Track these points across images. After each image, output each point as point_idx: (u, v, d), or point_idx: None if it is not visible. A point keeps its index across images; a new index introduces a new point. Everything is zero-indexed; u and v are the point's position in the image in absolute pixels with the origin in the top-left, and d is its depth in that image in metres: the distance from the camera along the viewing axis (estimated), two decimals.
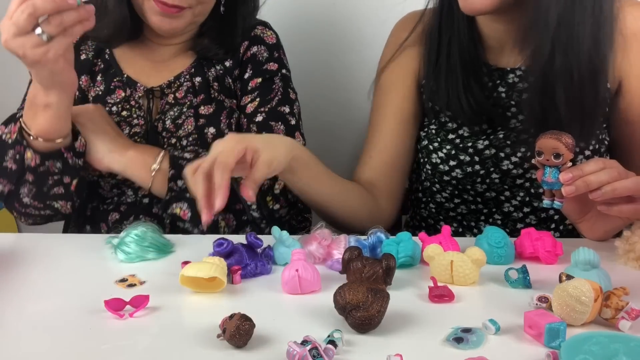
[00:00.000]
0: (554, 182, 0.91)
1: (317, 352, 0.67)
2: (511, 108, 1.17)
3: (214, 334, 0.75)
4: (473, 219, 1.23)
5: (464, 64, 1.16)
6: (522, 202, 1.18)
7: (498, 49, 1.18)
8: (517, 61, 1.17)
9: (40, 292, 0.91)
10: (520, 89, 1.16)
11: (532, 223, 1.19)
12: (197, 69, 1.26)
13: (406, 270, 0.95)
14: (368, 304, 0.75)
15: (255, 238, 0.96)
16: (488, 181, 1.18)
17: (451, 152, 1.18)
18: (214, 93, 1.25)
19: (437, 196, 1.24)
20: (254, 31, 1.29)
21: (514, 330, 0.76)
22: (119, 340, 0.76)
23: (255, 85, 1.26)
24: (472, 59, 1.17)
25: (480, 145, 1.17)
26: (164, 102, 1.24)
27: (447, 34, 1.17)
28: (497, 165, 1.16)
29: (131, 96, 1.24)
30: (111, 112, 1.23)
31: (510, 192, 1.18)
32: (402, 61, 1.26)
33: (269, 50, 1.29)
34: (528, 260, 0.97)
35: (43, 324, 0.81)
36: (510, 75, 1.18)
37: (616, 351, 0.65)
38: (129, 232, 1.00)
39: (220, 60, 1.27)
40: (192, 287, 0.88)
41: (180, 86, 1.25)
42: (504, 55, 1.18)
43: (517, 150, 1.15)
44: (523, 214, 1.19)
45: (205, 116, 1.23)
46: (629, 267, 0.95)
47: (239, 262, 0.93)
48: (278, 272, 0.92)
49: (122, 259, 0.98)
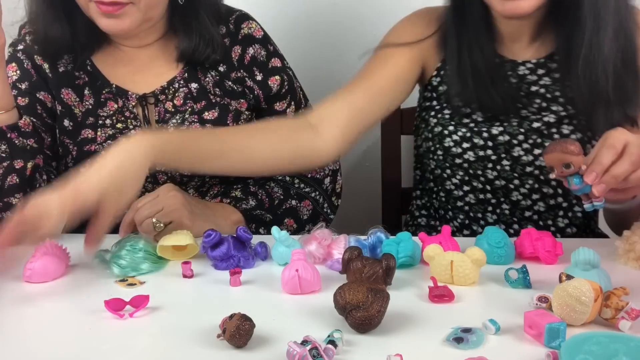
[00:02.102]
0: (582, 187, 0.90)
1: (317, 352, 0.67)
2: (522, 99, 1.20)
3: (214, 334, 0.75)
4: (480, 210, 1.24)
5: (488, 61, 1.19)
6: (531, 190, 1.20)
7: (510, 42, 1.22)
8: (527, 53, 1.21)
9: (40, 292, 0.91)
10: (530, 81, 1.20)
11: (541, 210, 1.21)
12: (191, 75, 1.24)
13: (406, 270, 0.95)
14: (368, 304, 0.75)
15: (244, 232, 0.98)
16: (499, 168, 1.20)
17: (466, 135, 1.20)
18: (215, 98, 1.24)
19: (447, 183, 1.25)
20: (241, 31, 1.26)
21: (514, 330, 0.76)
22: (119, 340, 0.76)
23: (278, 84, 1.27)
24: (489, 52, 1.20)
25: (495, 130, 1.19)
26: (161, 110, 1.22)
27: (466, 34, 1.19)
28: (509, 151, 1.19)
29: (124, 106, 1.22)
30: (105, 125, 1.21)
31: (520, 181, 1.20)
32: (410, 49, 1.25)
33: (264, 47, 1.27)
34: (528, 260, 0.97)
35: (43, 324, 0.81)
36: (520, 67, 1.21)
37: (616, 351, 0.65)
38: (123, 245, 0.97)
39: (213, 66, 1.24)
40: (169, 256, 1.00)
41: (176, 92, 1.23)
42: (515, 48, 1.22)
43: (529, 137, 1.18)
44: (532, 201, 1.21)
45: (211, 121, 1.22)
46: (629, 267, 0.95)
47: (226, 254, 0.96)
48: (278, 272, 0.92)
49: (116, 273, 0.95)
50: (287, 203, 1.25)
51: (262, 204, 1.22)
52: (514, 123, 1.19)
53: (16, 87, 1.21)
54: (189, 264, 0.95)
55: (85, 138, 1.21)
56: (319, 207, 1.30)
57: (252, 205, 1.21)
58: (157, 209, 1.07)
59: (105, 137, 1.21)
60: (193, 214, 1.10)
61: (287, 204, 1.25)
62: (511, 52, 1.22)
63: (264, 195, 1.23)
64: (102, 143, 1.21)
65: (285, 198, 1.25)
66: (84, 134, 1.21)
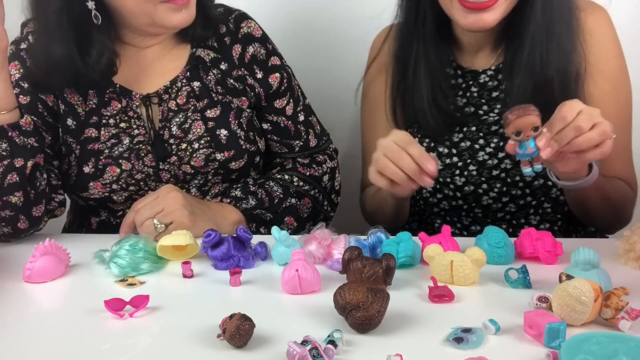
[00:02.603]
0: (534, 151, 0.94)
1: (317, 352, 0.67)
2: (483, 106, 1.23)
3: (214, 334, 0.75)
4: (455, 215, 1.26)
5: (432, 77, 1.23)
6: (500, 193, 1.21)
7: (472, 53, 1.26)
8: (488, 63, 1.25)
9: (40, 292, 0.91)
10: (490, 87, 1.23)
11: (512, 211, 1.23)
12: (193, 74, 1.24)
13: (406, 270, 0.95)
14: (368, 304, 0.75)
15: (244, 232, 0.98)
16: (466, 174, 1.21)
17: (430, 145, 1.24)
18: (217, 96, 1.24)
19: (423, 191, 1.27)
20: (241, 30, 1.27)
21: (514, 330, 0.76)
22: (119, 340, 0.76)
23: (277, 81, 1.28)
24: (442, 67, 1.24)
25: (455, 138, 1.22)
26: (164, 109, 1.23)
27: (413, 50, 1.23)
28: (473, 156, 1.21)
29: (128, 106, 1.22)
30: (108, 124, 1.22)
31: (488, 185, 1.21)
32: (384, 73, 1.31)
33: (263, 46, 1.28)
34: (528, 260, 0.97)
35: (43, 324, 0.81)
36: (482, 76, 1.25)
37: (616, 351, 0.65)
38: (123, 246, 0.97)
39: (214, 64, 1.25)
40: (169, 256, 1.00)
41: (179, 91, 1.23)
42: (477, 58, 1.26)
43: (490, 141, 1.20)
44: (502, 204, 1.22)
45: (213, 119, 1.23)
46: (629, 267, 0.95)
47: (226, 254, 0.96)
48: (278, 272, 0.92)
49: (116, 273, 0.95)
50: (287, 201, 1.26)
51: (262, 203, 1.23)
52: (472, 128, 1.22)
53: (18, 86, 1.21)
54: (189, 264, 0.95)
55: (88, 137, 1.21)
56: (318, 204, 1.30)
57: (252, 204, 1.21)
58: (157, 209, 1.07)
59: (109, 136, 1.21)
60: (194, 214, 1.10)
61: (287, 202, 1.26)
62: (472, 63, 1.25)
63: (264, 194, 1.23)
64: (105, 142, 1.21)
65: (285, 197, 1.26)
66: (87, 133, 1.21)
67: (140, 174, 1.20)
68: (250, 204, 1.21)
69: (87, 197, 1.22)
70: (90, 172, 1.19)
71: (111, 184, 1.20)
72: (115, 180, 1.20)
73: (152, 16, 1.14)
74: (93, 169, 1.19)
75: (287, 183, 1.27)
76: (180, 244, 0.98)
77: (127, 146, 1.21)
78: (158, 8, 1.13)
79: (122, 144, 1.21)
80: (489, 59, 1.25)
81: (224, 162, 1.22)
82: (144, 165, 1.20)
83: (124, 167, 1.20)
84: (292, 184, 1.28)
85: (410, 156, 1.01)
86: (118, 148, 1.20)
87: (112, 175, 1.19)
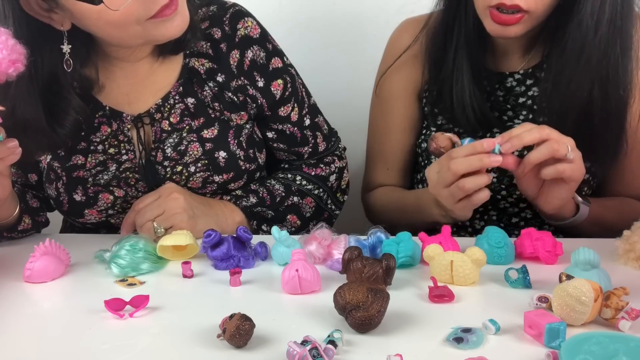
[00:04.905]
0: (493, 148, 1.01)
1: (317, 352, 0.67)
2: (508, 112, 1.21)
3: (214, 334, 0.75)
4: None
5: (473, 73, 1.19)
6: (519, 199, 1.20)
7: (501, 54, 1.22)
8: (516, 66, 1.21)
9: (40, 292, 0.91)
10: (517, 92, 1.20)
11: (528, 217, 1.21)
12: (187, 88, 1.16)
13: (406, 270, 0.95)
14: (368, 304, 0.75)
15: (244, 232, 0.98)
16: None
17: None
18: (215, 113, 1.17)
19: None
20: (237, 32, 1.17)
21: (514, 330, 0.76)
22: (119, 340, 0.76)
23: (281, 89, 1.21)
24: (478, 66, 1.20)
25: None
26: (157, 129, 1.15)
27: (453, 42, 1.19)
28: None
29: (119, 129, 1.15)
30: (96, 150, 1.15)
31: (507, 191, 1.19)
32: (403, 70, 1.28)
33: (262, 47, 1.19)
34: (528, 260, 0.97)
35: (43, 324, 0.81)
36: (509, 79, 1.21)
37: (616, 351, 0.65)
38: (123, 245, 0.97)
39: (210, 76, 1.16)
40: (169, 256, 1.00)
41: (171, 109, 1.15)
42: (505, 60, 1.22)
43: None
44: (519, 209, 1.21)
45: (211, 139, 1.16)
46: (629, 267, 0.95)
47: (226, 254, 0.96)
48: (278, 272, 0.92)
49: (116, 273, 0.95)
50: (289, 200, 1.24)
51: (264, 201, 1.21)
52: (496, 133, 1.18)
53: None
54: (189, 264, 0.95)
55: (74, 164, 1.15)
56: (322, 203, 1.28)
57: (252, 202, 1.20)
58: (158, 212, 1.07)
59: (95, 164, 1.15)
60: (193, 218, 1.09)
61: (289, 201, 1.24)
62: (500, 65, 1.22)
63: (265, 192, 1.22)
64: (90, 169, 1.15)
65: (286, 195, 1.24)
66: (74, 160, 1.15)
67: (135, 198, 1.15)
68: (250, 201, 1.20)
69: (85, 222, 1.19)
70: (82, 200, 1.15)
71: (107, 210, 1.16)
72: (111, 206, 1.16)
73: (143, 36, 1.03)
74: (84, 197, 1.15)
75: (289, 181, 1.26)
76: (180, 244, 0.98)
77: (112, 174, 1.15)
78: (146, 26, 1.02)
79: (108, 172, 1.15)
80: (519, 62, 1.21)
81: (223, 183, 1.18)
82: (137, 191, 1.16)
83: (117, 194, 1.15)
84: (294, 182, 1.26)
85: (464, 156, 1.01)
86: (103, 176, 1.15)
87: (106, 202, 1.15)
